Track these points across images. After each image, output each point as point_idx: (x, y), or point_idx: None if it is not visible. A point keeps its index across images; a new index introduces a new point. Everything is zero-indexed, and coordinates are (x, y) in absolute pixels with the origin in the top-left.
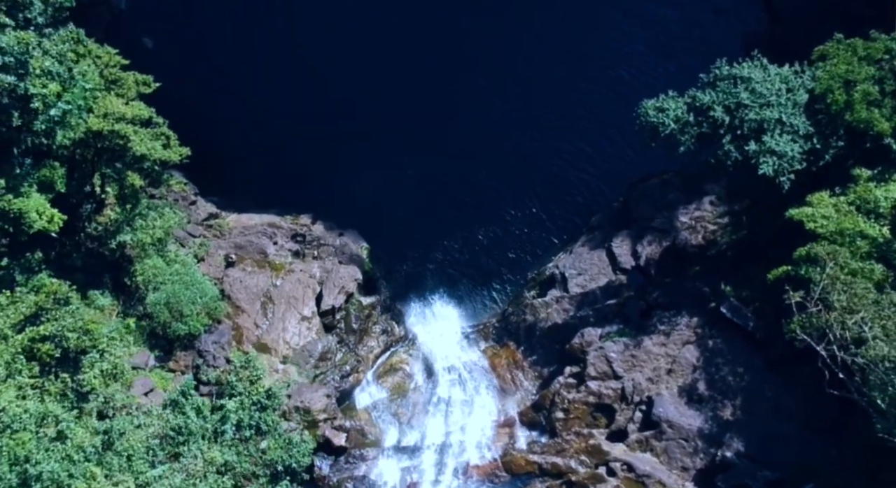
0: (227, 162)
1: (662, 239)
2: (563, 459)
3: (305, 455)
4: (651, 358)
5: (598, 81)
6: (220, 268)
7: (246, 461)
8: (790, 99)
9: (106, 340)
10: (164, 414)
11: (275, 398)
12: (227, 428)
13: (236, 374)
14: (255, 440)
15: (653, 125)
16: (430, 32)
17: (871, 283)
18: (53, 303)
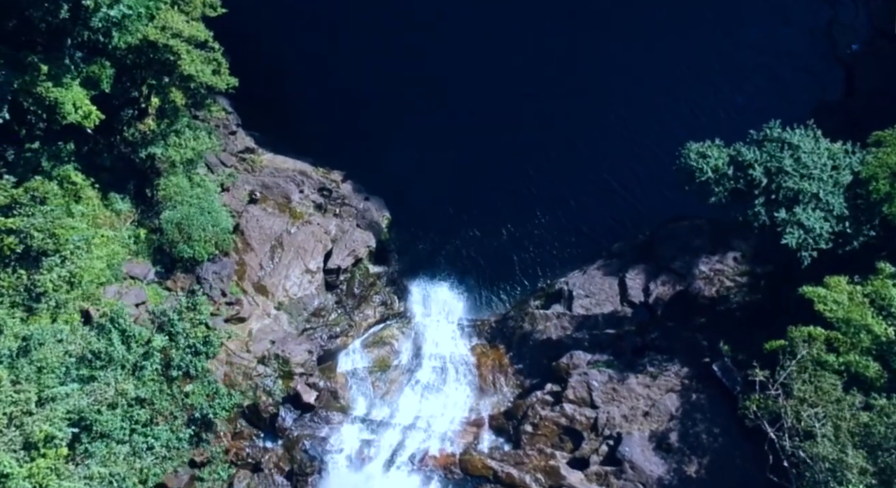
0: (276, 102)
1: (677, 282)
2: (520, 472)
3: (225, 408)
4: (631, 396)
5: (659, 111)
6: (243, 203)
7: (166, 400)
8: (833, 177)
9: (72, 247)
10: (88, 335)
11: (211, 346)
12: (148, 364)
13: (179, 314)
14: (181, 382)
15: (691, 169)
16: (512, 29)
17: (839, 381)
18: (30, 199)
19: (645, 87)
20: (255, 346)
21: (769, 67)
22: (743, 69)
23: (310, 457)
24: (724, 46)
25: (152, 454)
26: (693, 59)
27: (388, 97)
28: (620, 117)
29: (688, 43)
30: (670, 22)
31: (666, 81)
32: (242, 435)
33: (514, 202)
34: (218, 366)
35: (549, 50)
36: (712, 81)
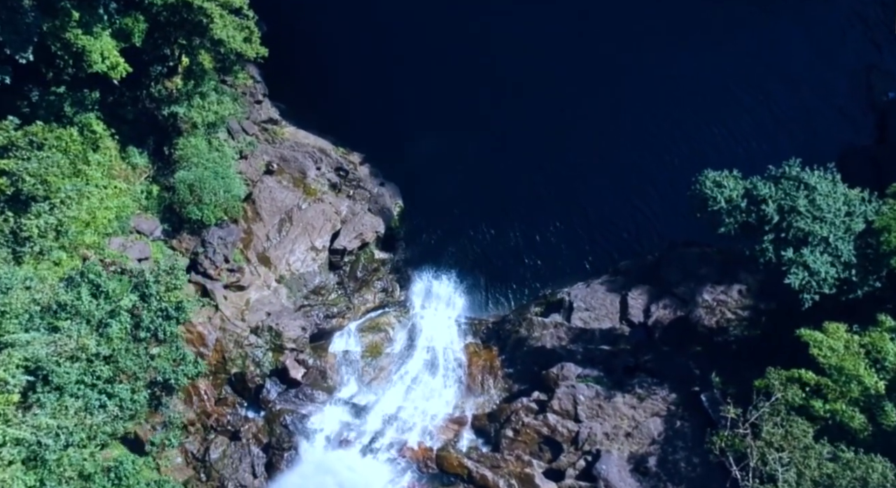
0: (306, 78)
1: (679, 308)
2: (494, 475)
3: (188, 376)
4: (616, 414)
5: (689, 133)
6: (258, 173)
7: (131, 360)
8: (845, 222)
9: (63, 196)
10: (57, 286)
11: (183, 312)
12: (114, 322)
13: (156, 276)
14: (148, 343)
15: (705, 197)
16: (547, 36)
17: (811, 428)
18: (28, 144)
19: (677, 108)
20: (250, 316)
21: (803, 103)
22: (777, 102)
23: (289, 433)
24: (762, 77)
25: (105, 412)
26: (730, 87)
27: (418, 88)
28: (649, 134)
29: (726, 69)
30: (711, 46)
31: (700, 104)
32: (226, 402)
33: (530, 205)
34: (211, 331)
35: (583, 60)
36: (745, 110)
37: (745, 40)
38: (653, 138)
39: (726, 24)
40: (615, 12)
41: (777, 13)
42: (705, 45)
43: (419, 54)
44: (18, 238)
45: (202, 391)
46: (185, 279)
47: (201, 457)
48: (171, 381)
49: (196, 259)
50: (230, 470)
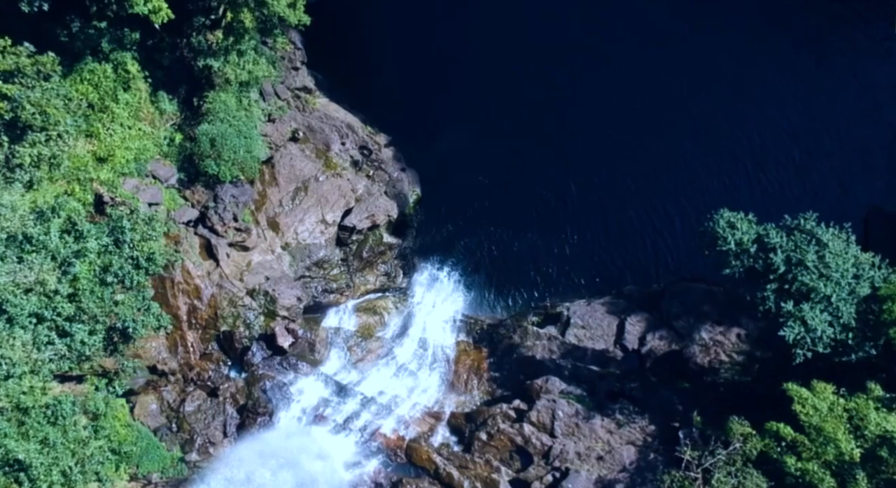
0: (347, 52)
1: (674, 341)
2: (461, 475)
3: (149, 326)
4: (591, 436)
5: (722, 170)
6: (283, 138)
7: (94, 302)
8: (851, 285)
9: (61, 130)
10: (28, 218)
11: (153, 264)
12: (77, 263)
13: (133, 223)
14: (115, 289)
15: (716, 236)
16: (591, 46)
17: (765, 484)
18: (35, 72)
19: (716, 142)
20: (249, 278)
21: (839, 158)
22: (814, 152)
23: (266, 398)
24: (804, 125)
25: (52, 349)
26: (771, 130)
27: (457, 81)
28: (685, 164)
29: (770, 112)
30: (760, 89)
31: (739, 143)
32: (210, 358)
33: (549, 214)
34: (207, 286)
35: (636, 83)
36: (782, 156)
37: (794, 87)
38: (688, 169)
39: (777, 68)
40: (672, 47)
41: (830, 64)
42: (753, 87)
43: (464, 47)
44: (10, 164)
45: (189, 343)
46: (161, 231)
47: (176, 408)
48: (130, 330)
49: (206, 213)
50: (202, 425)
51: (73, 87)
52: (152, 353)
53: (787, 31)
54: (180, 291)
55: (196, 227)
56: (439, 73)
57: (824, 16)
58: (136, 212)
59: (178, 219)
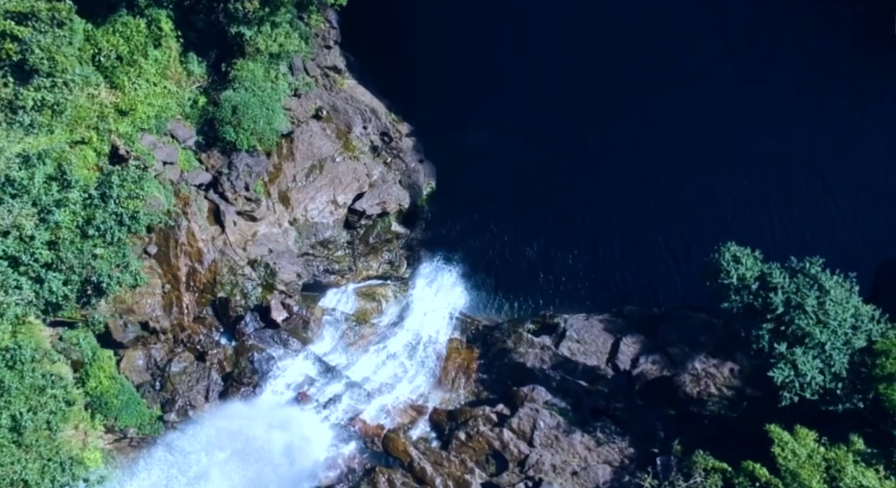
0: (382, 36)
1: (667, 367)
2: (434, 472)
3: (124, 283)
4: (569, 450)
5: (746, 203)
6: (306, 114)
7: (72, 253)
8: (847, 335)
9: (68, 77)
10: (14, 162)
11: (136, 222)
12: (58, 212)
13: (122, 179)
14: (96, 242)
15: (719, 268)
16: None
17: None
18: (49, 18)
19: (742, 179)
20: (252, 248)
21: (862, 205)
22: (837, 196)
23: (252, 370)
24: (831, 168)
25: (19, 294)
26: (797, 170)
27: (486, 80)
28: (707, 191)
29: (798, 152)
30: (790, 127)
31: (766, 180)
32: (203, 322)
33: (562, 224)
34: (210, 251)
35: (666, 103)
36: (808, 195)
37: (827, 129)
38: (713, 200)
39: (812, 110)
40: (718, 83)
41: (865, 111)
42: (789, 129)
43: (504, 47)
44: (13, 105)
45: (184, 304)
46: (149, 191)
47: (162, 366)
48: (104, 284)
49: (218, 178)
50: (185, 387)
51: (104, 37)
52: (146, 310)
53: (828, 75)
54: (182, 252)
55: (207, 192)
56: (474, 70)
57: (870, 65)
58: (128, 170)
59: (190, 180)
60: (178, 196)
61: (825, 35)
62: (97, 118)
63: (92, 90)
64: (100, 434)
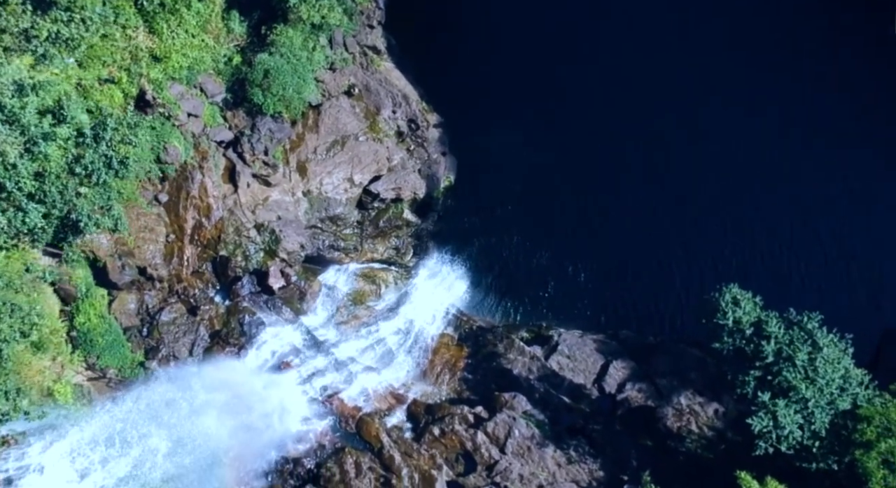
0: (426, 21)
1: (651, 397)
2: (401, 461)
3: (103, 226)
4: (539, 463)
5: (764, 248)
6: (338, 89)
7: (56, 188)
8: (833, 395)
9: (84, 14)
10: (10, 89)
11: (125, 168)
12: (43, 145)
13: (117, 123)
14: (82, 181)
15: (717, 307)
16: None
17: None
18: None
19: (766, 227)
20: (261, 212)
21: (883, 269)
22: (861, 256)
23: (241, 331)
24: (855, 226)
25: None
26: (826, 224)
27: (524, 83)
28: (726, 234)
29: (827, 203)
30: (830, 182)
31: (790, 231)
32: (201, 277)
33: (576, 238)
34: (219, 208)
35: (705, 138)
36: (827, 251)
37: (855, 184)
38: (733, 241)
39: (841, 162)
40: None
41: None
42: (812, 176)
43: (541, 57)
44: (28, 34)
45: (185, 257)
46: (142, 140)
47: (153, 314)
48: (82, 223)
49: (240, 138)
50: (171, 338)
51: None
52: (147, 256)
53: (861, 127)
54: (192, 205)
55: (226, 150)
56: (513, 74)
57: None
58: (125, 116)
59: (212, 136)
60: (197, 149)
61: (857, 88)
62: (130, 60)
63: (130, 32)
64: (79, 369)
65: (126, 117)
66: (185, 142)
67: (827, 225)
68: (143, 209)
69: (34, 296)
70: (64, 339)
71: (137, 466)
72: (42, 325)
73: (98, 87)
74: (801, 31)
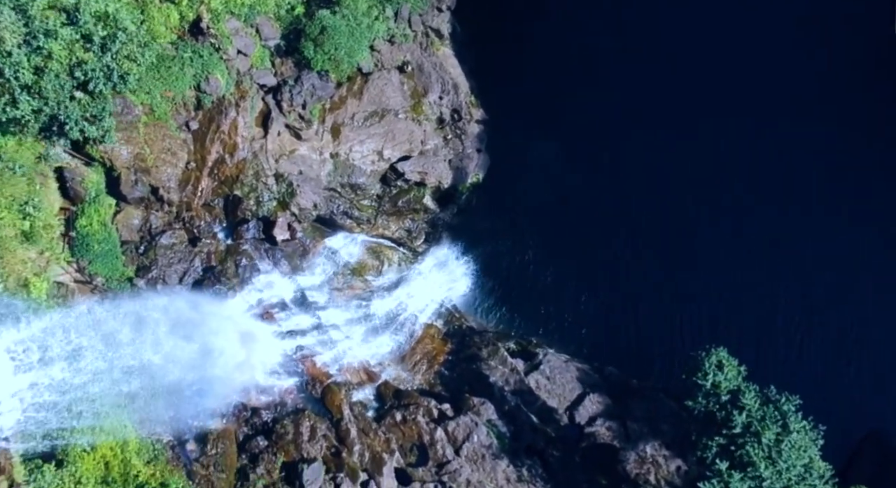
0: (502, 19)
1: (618, 438)
2: (356, 437)
3: (88, 134)
4: (490, 474)
5: (781, 326)
6: (392, 63)
7: (52, 86)
8: (790, 481)
9: None
10: None
11: (125, 83)
12: (43, 40)
13: (128, 37)
14: (77, 85)
15: (699, 367)
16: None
17: None
18: None
19: (789, 306)
20: (284, 163)
21: (887, 368)
22: (871, 351)
23: (235, 273)
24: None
25: None
26: (849, 312)
27: (584, 104)
28: (740, 290)
29: (865, 298)
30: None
31: (803, 307)
32: (210, 211)
33: (591, 266)
34: (244, 148)
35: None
36: (846, 340)
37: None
38: (741, 300)
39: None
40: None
41: None
42: (848, 262)
43: (608, 80)
44: None
45: (200, 187)
46: (148, 61)
47: (154, 235)
48: (67, 127)
49: (282, 86)
50: (164, 262)
51: None
52: (162, 177)
53: None
54: (219, 139)
55: (266, 94)
56: (574, 88)
57: None
58: (135, 35)
59: (255, 77)
60: (238, 87)
61: None
62: None
63: None
64: (67, 270)
65: (138, 35)
66: (228, 78)
67: (840, 311)
68: (170, 131)
69: (36, 188)
70: (56, 237)
71: (84, 376)
72: (36, 217)
73: (157, 4)
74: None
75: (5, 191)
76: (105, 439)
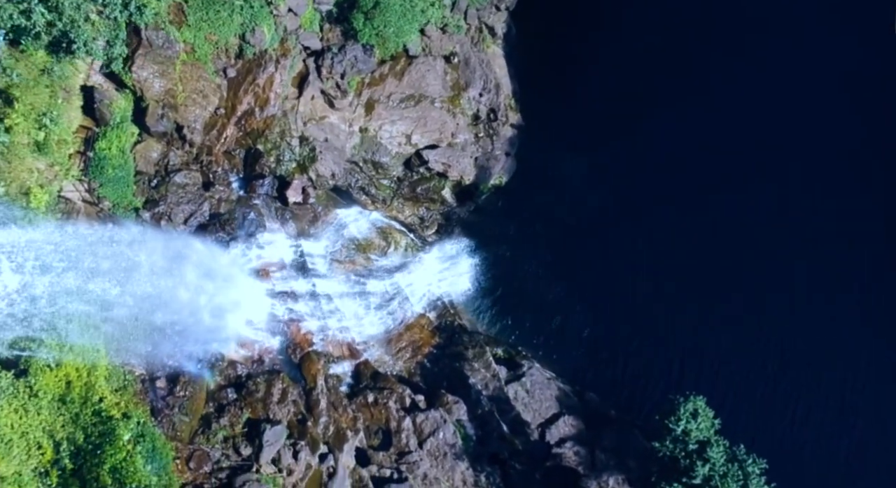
0: (562, 26)
1: (584, 465)
2: (324, 409)
3: (94, 54)
4: (447, 473)
5: (794, 396)
6: (439, 52)
7: (69, 2)
8: None
9: None
10: None
11: (140, 15)
12: None
13: None
14: (95, 8)
15: (674, 411)
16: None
17: None
18: None
19: (800, 373)
20: (312, 128)
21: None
22: (855, 429)
23: (240, 224)
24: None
25: None
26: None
27: (633, 131)
28: (744, 346)
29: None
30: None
31: (812, 378)
32: (230, 159)
33: (599, 291)
34: (275, 105)
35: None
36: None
37: None
38: (744, 355)
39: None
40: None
41: None
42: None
43: (666, 110)
44: None
45: (224, 135)
46: (163, 6)
47: (169, 171)
48: (75, 46)
49: (324, 53)
50: (173, 199)
51: None
52: (189, 117)
53: None
54: (253, 91)
55: (308, 57)
56: (623, 111)
57: None
58: None
59: (301, 38)
60: (282, 44)
61: None
62: None
63: None
64: (77, 187)
65: None
66: (274, 33)
67: (830, 383)
68: (207, 74)
69: (57, 101)
70: (70, 154)
71: (67, 295)
72: (52, 131)
73: None
74: None
75: (26, 99)
76: (73, 359)
